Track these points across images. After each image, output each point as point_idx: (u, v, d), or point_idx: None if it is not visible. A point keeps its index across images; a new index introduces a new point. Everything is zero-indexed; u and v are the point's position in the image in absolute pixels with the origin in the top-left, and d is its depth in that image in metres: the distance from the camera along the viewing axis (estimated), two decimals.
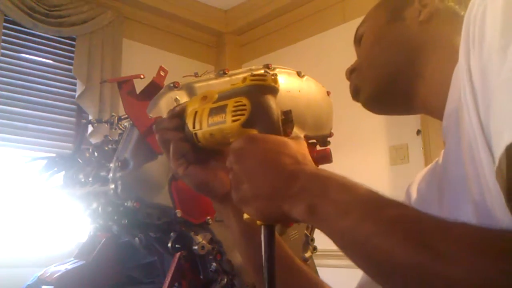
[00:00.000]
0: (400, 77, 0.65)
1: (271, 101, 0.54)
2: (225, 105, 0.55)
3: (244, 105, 0.53)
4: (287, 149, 0.51)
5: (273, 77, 0.55)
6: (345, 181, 0.47)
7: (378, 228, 0.40)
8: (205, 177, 0.64)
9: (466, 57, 0.44)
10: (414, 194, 0.68)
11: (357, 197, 0.44)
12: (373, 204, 0.43)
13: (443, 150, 0.61)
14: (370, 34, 0.69)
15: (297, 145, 0.52)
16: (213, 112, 0.57)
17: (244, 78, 0.55)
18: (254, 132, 0.53)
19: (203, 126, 0.57)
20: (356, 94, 0.71)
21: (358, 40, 0.72)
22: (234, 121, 0.54)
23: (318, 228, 0.46)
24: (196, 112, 0.59)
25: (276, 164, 0.50)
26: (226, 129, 0.55)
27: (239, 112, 0.53)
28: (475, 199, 0.44)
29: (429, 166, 0.68)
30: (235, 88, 0.56)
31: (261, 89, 0.54)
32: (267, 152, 0.51)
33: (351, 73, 0.72)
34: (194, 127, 0.59)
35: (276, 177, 0.49)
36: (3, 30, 2.77)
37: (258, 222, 0.52)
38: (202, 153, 0.66)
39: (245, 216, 0.53)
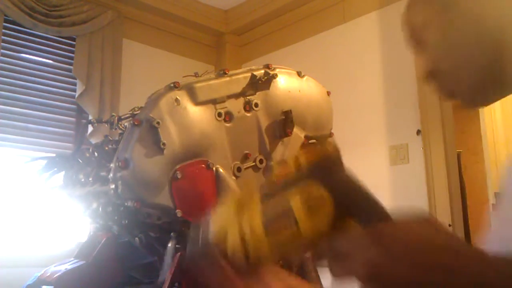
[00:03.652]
0: (493, 63, 0.64)
1: None
2: None
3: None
4: None
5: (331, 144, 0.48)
6: None
7: None
8: None
9: None
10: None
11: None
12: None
13: None
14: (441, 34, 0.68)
15: None
16: None
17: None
18: None
19: None
20: (450, 96, 0.71)
21: (417, 42, 0.70)
22: None
23: None
24: None
25: None
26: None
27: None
28: None
29: None
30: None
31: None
32: None
33: (434, 76, 0.70)
34: None
35: None
36: (3, 30, 2.77)
37: None
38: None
39: None
